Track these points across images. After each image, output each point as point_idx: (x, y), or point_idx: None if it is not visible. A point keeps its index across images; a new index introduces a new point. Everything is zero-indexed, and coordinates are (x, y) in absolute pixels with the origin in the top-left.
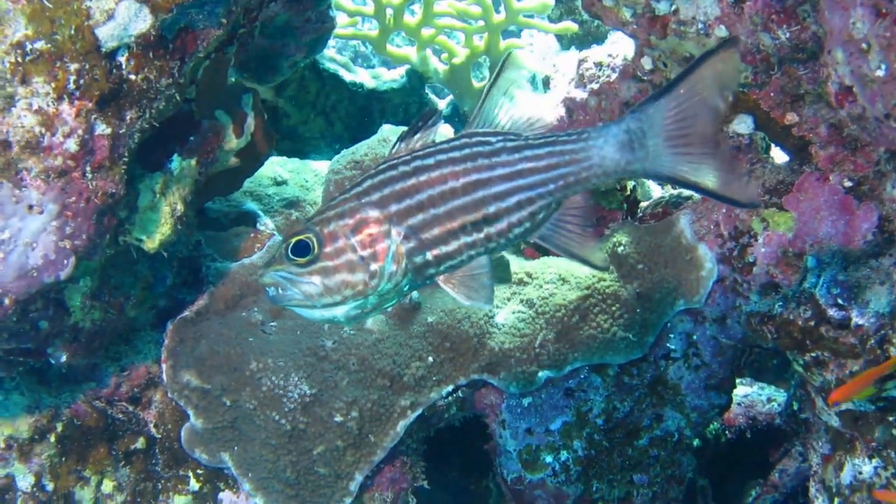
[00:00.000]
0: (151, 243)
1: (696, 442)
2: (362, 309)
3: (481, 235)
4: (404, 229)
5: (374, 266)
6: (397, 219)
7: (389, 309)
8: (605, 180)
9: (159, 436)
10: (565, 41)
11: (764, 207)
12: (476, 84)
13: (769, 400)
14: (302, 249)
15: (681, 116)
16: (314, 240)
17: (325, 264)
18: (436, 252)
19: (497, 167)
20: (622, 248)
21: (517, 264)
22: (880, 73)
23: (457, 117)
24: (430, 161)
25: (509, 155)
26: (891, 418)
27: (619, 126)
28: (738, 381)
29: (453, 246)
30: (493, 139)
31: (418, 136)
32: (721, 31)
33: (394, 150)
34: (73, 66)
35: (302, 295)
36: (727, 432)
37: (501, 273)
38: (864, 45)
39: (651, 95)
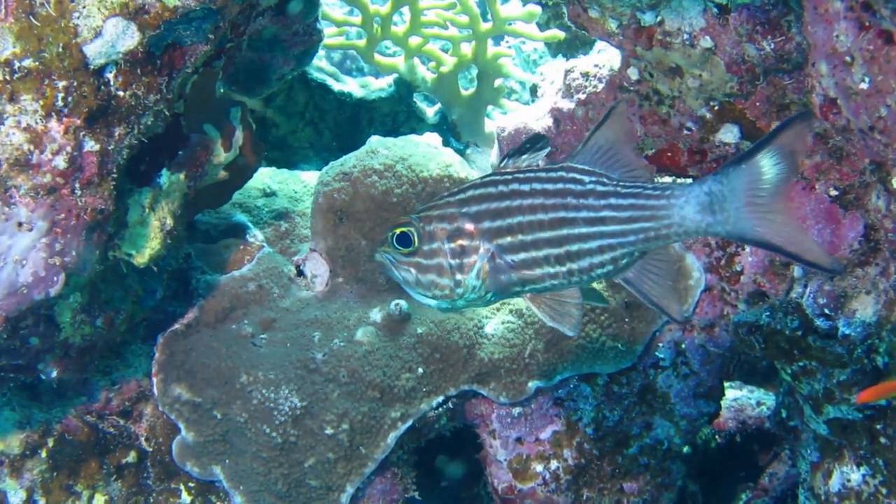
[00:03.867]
0: (141, 258)
1: (685, 449)
2: (452, 306)
3: (564, 269)
4: (493, 247)
5: (459, 276)
6: (489, 236)
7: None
8: (686, 238)
9: (150, 449)
10: (553, 46)
11: None
12: (464, 92)
13: (759, 404)
14: (405, 240)
15: (761, 184)
16: (415, 234)
17: (420, 261)
18: (519, 276)
19: (582, 209)
20: None
21: None
22: (864, 85)
23: (445, 125)
24: (526, 188)
25: (596, 200)
26: (878, 426)
27: (701, 187)
28: (727, 384)
29: (537, 273)
30: (586, 179)
31: (526, 156)
32: (706, 42)
33: (502, 165)
34: (62, 84)
35: (401, 279)
36: (717, 437)
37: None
38: (847, 58)
39: (733, 160)
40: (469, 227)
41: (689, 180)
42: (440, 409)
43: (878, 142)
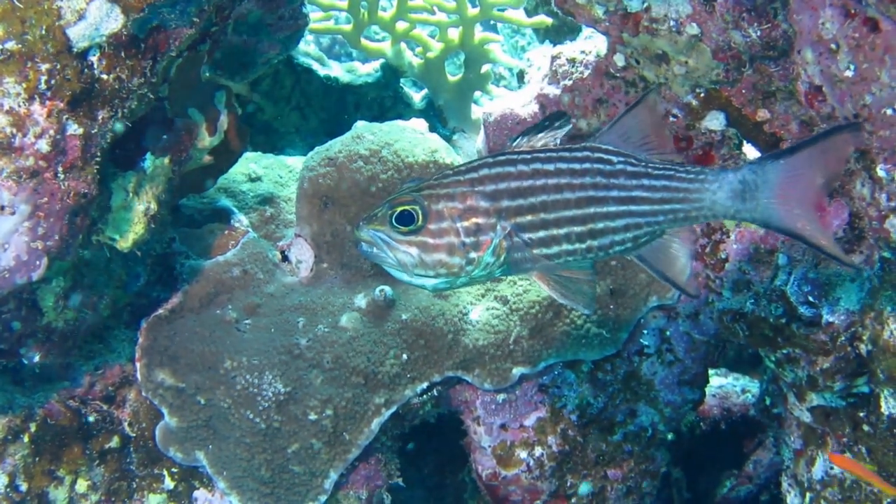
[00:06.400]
0: (125, 242)
1: (670, 436)
2: (451, 285)
3: (583, 246)
4: (511, 226)
5: (473, 255)
6: (506, 215)
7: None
8: (713, 220)
9: (134, 434)
10: (541, 32)
11: None
12: (450, 78)
13: (744, 391)
14: (405, 218)
15: (796, 180)
16: (419, 213)
17: (425, 240)
18: (536, 252)
19: (613, 189)
20: None
21: None
22: (849, 73)
23: (431, 111)
24: (551, 167)
25: (627, 179)
26: (861, 414)
27: (736, 175)
28: (713, 371)
29: (554, 250)
30: (614, 159)
31: (542, 134)
32: (693, 29)
33: (515, 144)
34: (45, 67)
35: (395, 260)
36: (702, 424)
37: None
38: (833, 46)
39: (772, 153)
40: (484, 204)
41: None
42: (424, 395)
43: (863, 129)
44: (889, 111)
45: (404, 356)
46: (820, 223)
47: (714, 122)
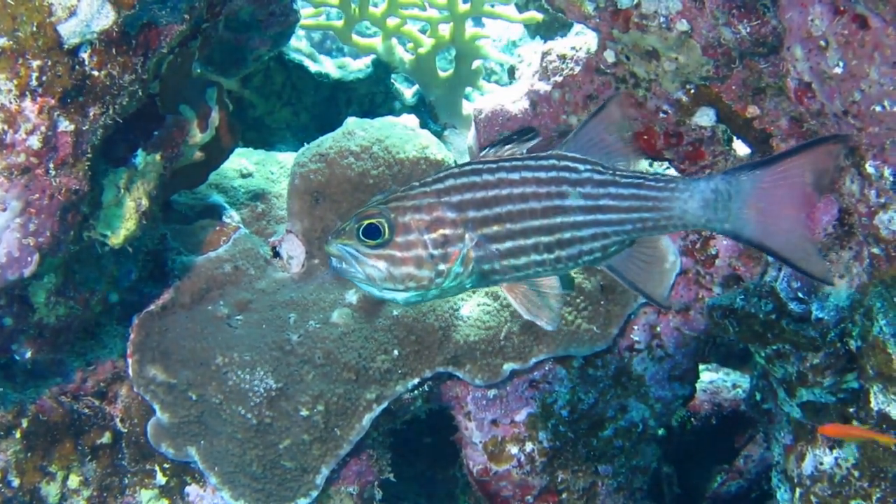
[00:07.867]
0: (116, 239)
1: (660, 431)
2: (422, 298)
3: (552, 256)
4: (478, 237)
5: (442, 266)
6: (473, 225)
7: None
8: (682, 230)
9: (125, 430)
10: (532, 27)
11: None
12: (441, 73)
13: (734, 386)
14: (372, 232)
15: (771, 192)
16: (386, 226)
17: (392, 253)
18: (504, 263)
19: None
20: None
21: None
22: (838, 70)
23: (422, 107)
24: (516, 176)
25: (594, 188)
26: (851, 410)
27: (708, 184)
28: (703, 366)
29: (522, 261)
30: (581, 167)
31: (509, 146)
32: (682, 26)
33: (482, 155)
34: (36, 63)
35: (364, 275)
36: (693, 419)
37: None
38: (822, 43)
39: (748, 164)
40: (451, 216)
41: (666, 164)
42: (416, 391)
43: (852, 126)
44: (878, 108)
45: (395, 352)
46: (798, 238)
47: (704, 118)
